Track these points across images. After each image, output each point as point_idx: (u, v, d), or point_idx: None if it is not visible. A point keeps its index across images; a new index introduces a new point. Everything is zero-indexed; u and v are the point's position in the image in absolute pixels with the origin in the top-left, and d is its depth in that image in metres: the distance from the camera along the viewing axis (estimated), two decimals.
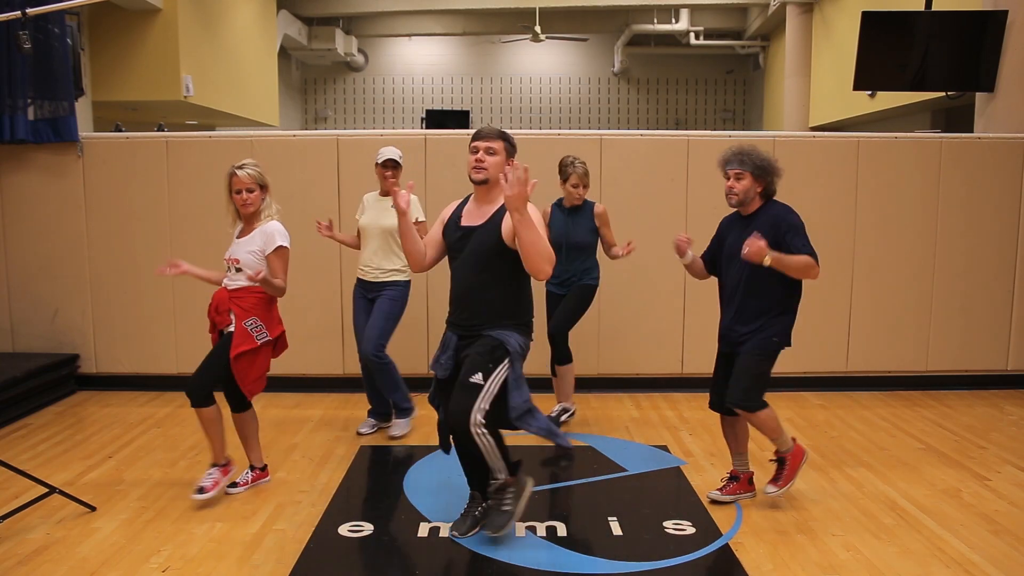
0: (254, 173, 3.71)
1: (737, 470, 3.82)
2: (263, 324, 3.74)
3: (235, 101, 11.86)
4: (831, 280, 5.75)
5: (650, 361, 5.79)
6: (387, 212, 4.59)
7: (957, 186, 5.77)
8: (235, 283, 3.75)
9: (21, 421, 5.06)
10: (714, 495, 3.77)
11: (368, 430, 4.83)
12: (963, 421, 5.13)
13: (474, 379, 3.15)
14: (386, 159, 4.59)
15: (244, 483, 3.90)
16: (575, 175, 4.68)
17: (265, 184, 3.76)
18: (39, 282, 5.73)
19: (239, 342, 3.68)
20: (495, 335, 3.23)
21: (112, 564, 3.15)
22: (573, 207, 4.77)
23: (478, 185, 3.27)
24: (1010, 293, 5.85)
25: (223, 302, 3.77)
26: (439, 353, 3.38)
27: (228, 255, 3.79)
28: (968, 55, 6.54)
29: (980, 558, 3.22)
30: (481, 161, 3.23)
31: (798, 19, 13.47)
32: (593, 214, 4.75)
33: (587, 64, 18.61)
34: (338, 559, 3.25)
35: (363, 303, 4.74)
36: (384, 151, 4.63)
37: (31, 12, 3.65)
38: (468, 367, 3.19)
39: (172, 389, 5.69)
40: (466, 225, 3.28)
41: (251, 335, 3.70)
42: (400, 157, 4.64)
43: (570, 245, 4.71)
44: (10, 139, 5.45)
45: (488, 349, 3.21)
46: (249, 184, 3.69)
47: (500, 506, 3.33)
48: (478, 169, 3.23)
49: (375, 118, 18.70)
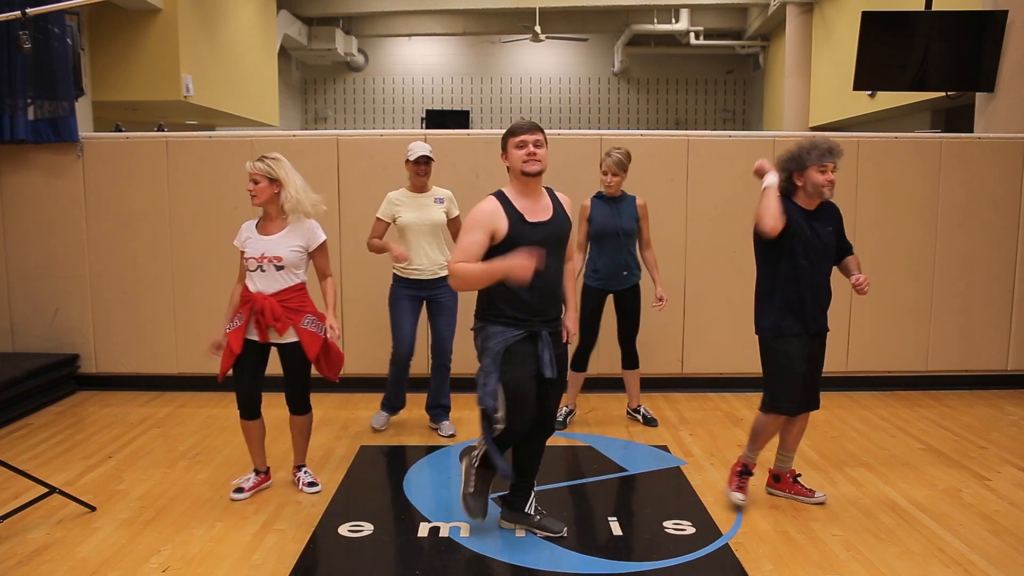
0: (260, 166, 3.62)
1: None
2: (315, 317, 3.71)
3: (235, 101, 11.86)
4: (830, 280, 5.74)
5: (650, 361, 5.79)
6: (430, 207, 4.58)
7: (957, 186, 5.77)
8: (275, 285, 3.63)
9: (21, 421, 5.06)
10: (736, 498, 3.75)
11: (382, 426, 4.85)
12: (963, 421, 5.13)
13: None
14: (419, 155, 4.55)
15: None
16: (604, 163, 4.68)
17: (276, 178, 3.62)
18: (39, 282, 5.73)
19: (310, 344, 3.65)
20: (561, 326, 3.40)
21: (112, 564, 3.15)
22: (613, 197, 4.75)
23: (532, 177, 3.22)
24: (1010, 293, 5.85)
25: (274, 308, 3.60)
26: (543, 352, 3.24)
27: (260, 253, 3.63)
28: (968, 55, 6.54)
29: (980, 558, 3.22)
30: (533, 154, 3.20)
31: (798, 19, 13.48)
32: (635, 205, 4.76)
33: (587, 64, 18.62)
34: (338, 559, 3.25)
35: (410, 304, 4.63)
36: (415, 147, 4.56)
37: (31, 12, 3.65)
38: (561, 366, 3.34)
39: (172, 389, 5.69)
40: (539, 220, 3.23)
41: (315, 333, 3.68)
42: (431, 152, 4.61)
43: (620, 231, 4.69)
44: (10, 139, 5.45)
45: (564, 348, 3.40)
46: (254, 175, 3.62)
47: (545, 513, 3.50)
48: (533, 162, 3.20)
49: (375, 118, 18.71)
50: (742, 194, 5.41)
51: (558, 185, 4.80)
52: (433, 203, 4.61)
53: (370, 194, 5.50)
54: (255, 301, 3.61)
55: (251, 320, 3.63)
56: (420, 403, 5.24)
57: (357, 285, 5.60)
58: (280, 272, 3.64)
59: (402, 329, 4.63)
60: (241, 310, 3.66)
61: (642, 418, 5.04)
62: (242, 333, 3.63)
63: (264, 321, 3.60)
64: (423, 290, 4.62)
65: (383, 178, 5.47)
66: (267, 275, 3.64)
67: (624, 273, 4.77)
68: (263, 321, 3.60)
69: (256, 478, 3.89)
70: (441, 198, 4.65)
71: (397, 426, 4.95)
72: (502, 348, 3.16)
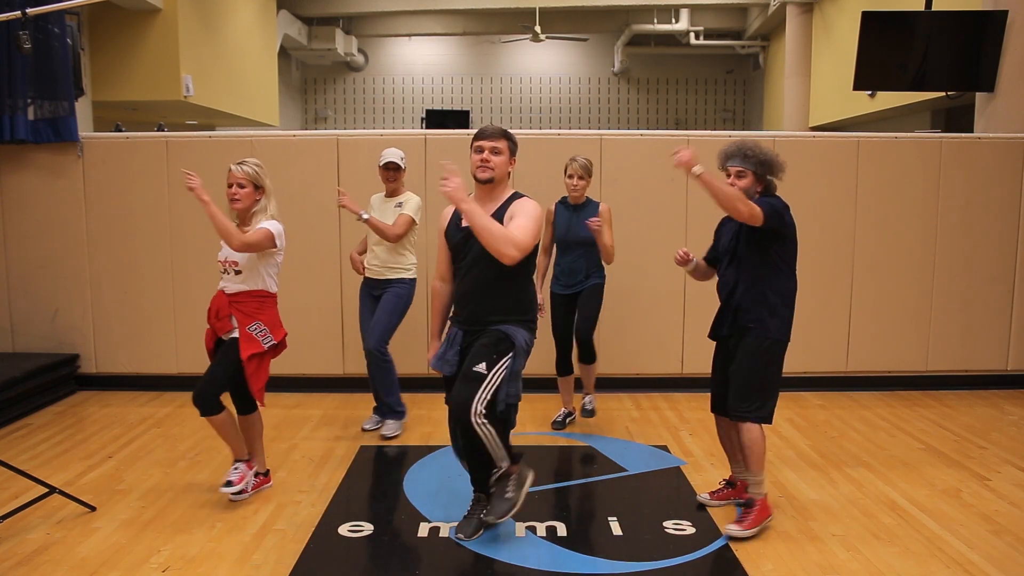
0: (248, 171, 3.65)
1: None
2: (267, 328, 3.71)
3: (235, 101, 11.86)
4: (831, 280, 5.76)
5: (650, 361, 5.80)
6: (390, 212, 4.65)
7: (957, 186, 5.77)
8: (235, 287, 3.70)
9: (21, 421, 5.06)
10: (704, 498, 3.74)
11: (372, 426, 4.85)
12: (963, 421, 5.13)
13: (477, 369, 3.17)
14: (387, 161, 4.62)
15: (246, 490, 3.84)
16: (570, 166, 4.67)
17: (261, 185, 3.67)
18: (39, 282, 5.73)
19: (247, 346, 3.63)
20: (502, 328, 3.26)
21: (112, 564, 3.15)
22: (577, 204, 4.75)
23: (483, 184, 3.28)
24: (1010, 293, 5.85)
25: (224, 307, 3.70)
26: (444, 349, 3.37)
27: (223, 257, 3.72)
28: (968, 55, 6.54)
29: (980, 558, 3.22)
30: (487, 160, 3.24)
31: (798, 19, 13.48)
32: (598, 212, 4.75)
33: (587, 64, 18.61)
34: (338, 559, 3.25)
35: (368, 300, 4.79)
36: (385, 153, 4.66)
37: (31, 12, 3.65)
38: (472, 357, 3.22)
39: (172, 389, 5.69)
40: (468, 225, 3.27)
41: (257, 340, 3.65)
42: (402, 159, 4.67)
43: (574, 241, 4.70)
44: (10, 139, 5.45)
45: (494, 341, 3.24)
46: (240, 179, 3.64)
47: (503, 494, 3.34)
48: (484, 168, 3.25)
49: (375, 118, 18.71)
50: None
51: (557, 186, 4.83)
52: (393, 208, 4.67)
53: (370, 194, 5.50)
54: (214, 300, 3.75)
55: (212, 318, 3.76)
56: (420, 403, 5.26)
57: (356, 285, 5.59)
58: (239, 276, 3.69)
59: (363, 325, 4.78)
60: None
61: (582, 409, 4.98)
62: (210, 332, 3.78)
63: (209, 314, 3.72)
64: (375, 288, 4.75)
65: None
66: (229, 277, 3.72)
67: (583, 278, 4.76)
68: (209, 314, 3.73)
69: (249, 473, 3.85)
70: (401, 202, 4.69)
71: None
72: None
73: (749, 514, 3.42)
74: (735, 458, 3.70)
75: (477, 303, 3.30)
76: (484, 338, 3.25)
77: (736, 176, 3.43)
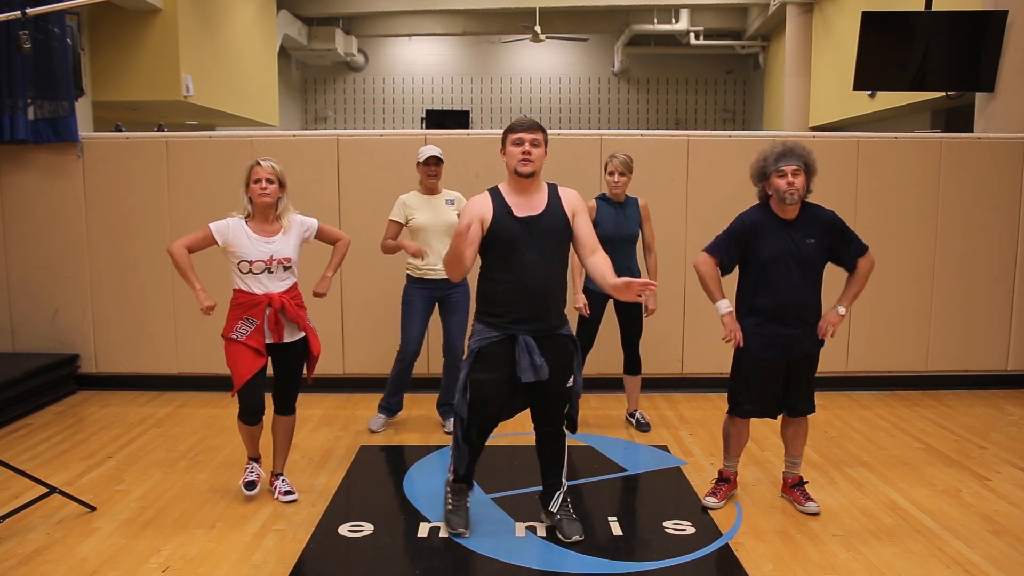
0: (277, 168, 3.67)
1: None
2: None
3: (235, 101, 11.86)
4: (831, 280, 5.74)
5: (650, 361, 5.78)
6: (443, 209, 4.64)
7: (957, 186, 5.77)
8: (283, 283, 3.67)
9: (21, 421, 5.06)
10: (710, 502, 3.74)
11: (379, 427, 4.84)
12: (963, 421, 5.13)
13: (571, 384, 3.32)
14: (429, 156, 4.60)
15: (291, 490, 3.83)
16: (611, 163, 4.64)
17: (284, 182, 3.70)
18: (39, 282, 5.73)
19: (316, 340, 3.75)
20: (567, 332, 3.31)
21: (112, 564, 3.15)
22: (619, 202, 4.70)
23: (525, 177, 3.21)
24: (1010, 293, 5.85)
25: (289, 307, 3.63)
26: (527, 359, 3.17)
27: (268, 255, 3.61)
28: (968, 55, 6.54)
29: (980, 558, 3.22)
30: (528, 153, 3.19)
31: (798, 19, 13.48)
32: (639, 208, 4.75)
33: (587, 64, 18.62)
34: (338, 559, 3.25)
35: (423, 304, 4.66)
36: (424, 150, 4.63)
37: (31, 12, 3.65)
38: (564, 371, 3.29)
39: (172, 389, 5.69)
40: (526, 216, 3.20)
41: (314, 329, 3.77)
42: (441, 153, 4.66)
43: (624, 239, 4.67)
44: (10, 139, 5.45)
45: (572, 351, 3.32)
46: (270, 175, 3.63)
47: (570, 515, 3.41)
48: (526, 161, 3.19)
49: (375, 118, 18.71)
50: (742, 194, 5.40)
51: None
52: (445, 204, 4.67)
53: (370, 194, 5.50)
54: (273, 301, 3.61)
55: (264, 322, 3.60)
56: (419, 403, 5.26)
57: (357, 286, 5.60)
58: (287, 272, 3.70)
59: (411, 329, 4.67)
60: (250, 314, 3.60)
61: (635, 423, 4.98)
62: (261, 337, 3.61)
63: (288, 315, 3.65)
64: (437, 290, 4.65)
65: (383, 178, 5.48)
66: (275, 276, 3.66)
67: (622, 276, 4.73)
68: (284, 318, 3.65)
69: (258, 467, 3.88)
70: (452, 199, 4.70)
71: (397, 426, 4.95)
72: (476, 348, 3.24)
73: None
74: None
75: (548, 302, 3.23)
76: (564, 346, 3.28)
77: (793, 175, 3.44)
